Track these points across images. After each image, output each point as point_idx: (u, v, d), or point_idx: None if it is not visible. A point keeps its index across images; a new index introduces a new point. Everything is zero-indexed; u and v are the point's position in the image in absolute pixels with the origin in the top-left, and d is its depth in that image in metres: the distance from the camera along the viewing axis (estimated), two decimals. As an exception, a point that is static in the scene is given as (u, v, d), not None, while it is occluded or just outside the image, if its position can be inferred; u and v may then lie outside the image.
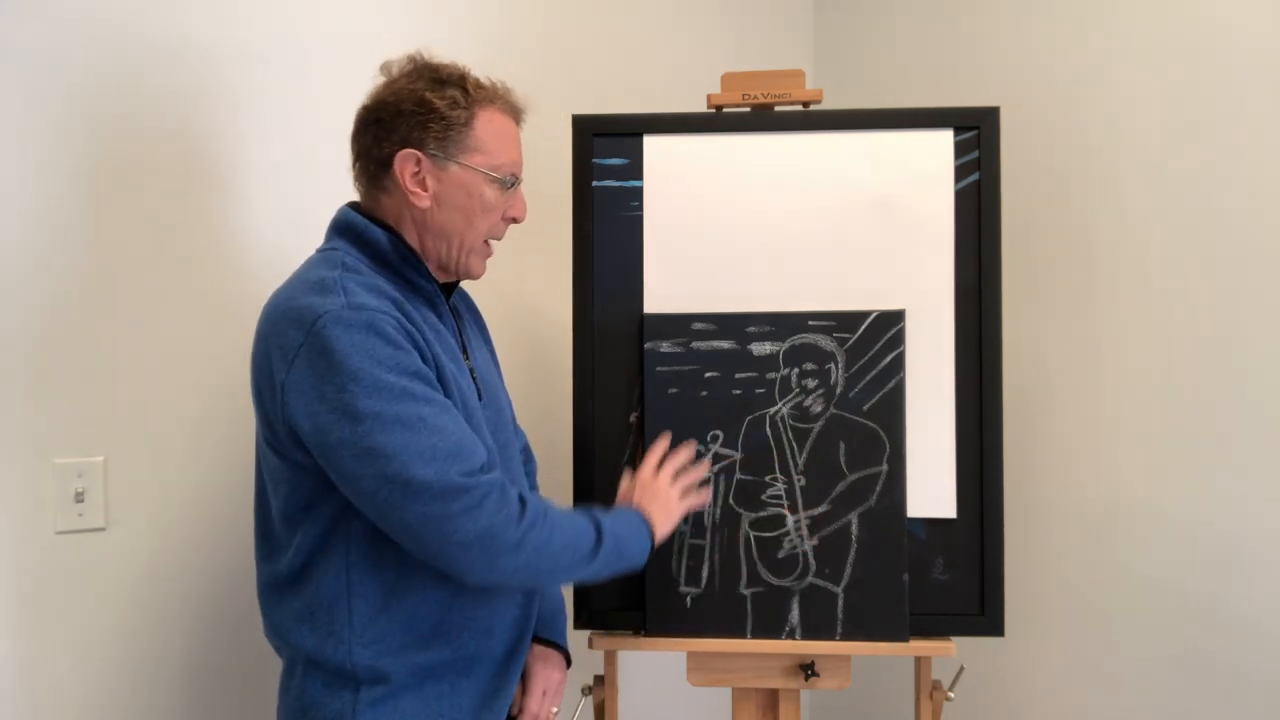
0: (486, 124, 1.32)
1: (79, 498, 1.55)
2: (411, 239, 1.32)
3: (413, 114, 1.28)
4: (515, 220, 1.38)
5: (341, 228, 1.32)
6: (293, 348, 1.20)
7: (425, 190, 1.30)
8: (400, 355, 1.20)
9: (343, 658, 1.25)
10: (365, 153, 1.32)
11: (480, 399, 1.35)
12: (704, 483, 1.59)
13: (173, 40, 1.63)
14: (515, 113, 1.38)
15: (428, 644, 1.27)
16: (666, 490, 1.48)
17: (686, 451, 1.55)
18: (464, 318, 1.46)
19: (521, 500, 1.25)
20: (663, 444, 1.55)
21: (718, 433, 1.60)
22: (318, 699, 1.27)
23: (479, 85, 1.33)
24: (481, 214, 1.33)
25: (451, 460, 1.19)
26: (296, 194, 1.72)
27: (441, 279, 1.38)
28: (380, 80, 1.33)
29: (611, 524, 1.35)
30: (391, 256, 1.29)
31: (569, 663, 1.51)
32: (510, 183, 1.34)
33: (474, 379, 1.36)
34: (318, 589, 1.27)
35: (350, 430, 1.17)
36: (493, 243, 1.39)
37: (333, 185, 1.44)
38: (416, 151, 1.28)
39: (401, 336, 1.21)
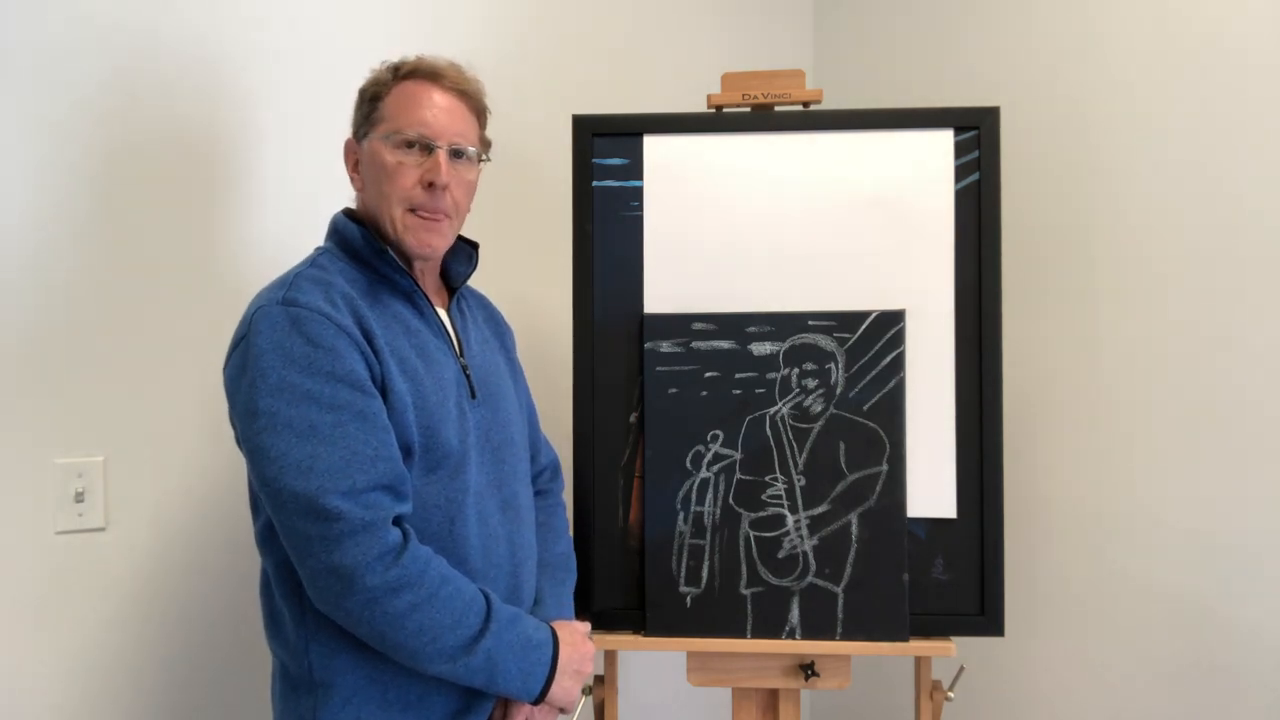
0: (398, 94, 1.31)
1: (79, 498, 1.55)
2: (374, 229, 1.33)
3: (354, 108, 1.35)
4: (432, 184, 1.28)
5: (330, 228, 1.35)
6: (236, 340, 1.24)
7: (358, 174, 1.34)
8: (319, 355, 1.17)
9: (300, 663, 1.25)
10: None
11: (474, 396, 1.35)
12: (703, 482, 1.59)
13: (177, 40, 1.63)
14: (440, 81, 1.31)
15: (383, 654, 1.22)
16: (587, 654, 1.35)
17: None
18: (470, 315, 1.46)
19: (403, 555, 1.17)
20: None
21: (718, 433, 1.60)
22: (286, 705, 1.28)
23: (407, 66, 1.32)
24: (387, 180, 1.29)
25: (328, 476, 1.14)
26: (299, 195, 1.72)
27: (417, 264, 1.35)
28: None
29: (499, 641, 1.22)
30: (364, 251, 1.30)
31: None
32: (414, 143, 1.28)
33: (467, 376, 1.35)
34: (274, 594, 1.28)
35: (247, 426, 1.18)
36: (440, 229, 1.32)
37: (338, 186, 1.44)
38: (351, 140, 1.34)
39: (331, 334, 1.19)
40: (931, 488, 1.59)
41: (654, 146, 1.65)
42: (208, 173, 1.67)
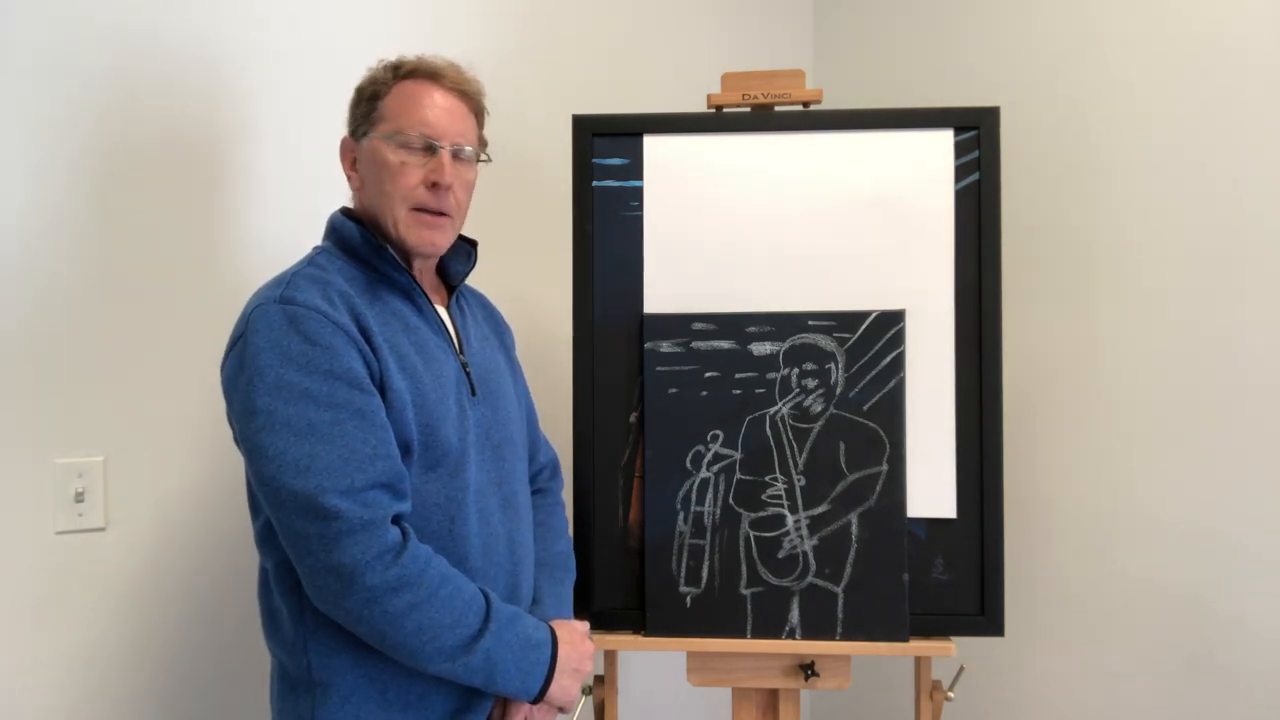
0: (398, 94, 1.31)
1: (79, 498, 1.55)
2: (371, 227, 1.33)
3: (350, 106, 1.34)
4: (436, 184, 1.29)
5: (327, 227, 1.35)
6: (233, 339, 1.24)
7: (356, 173, 1.33)
8: (316, 353, 1.17)
9: (298, 663, 1.25)
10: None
11: (474, 394, 1.35)
12: (703, 482, 1.59)
13: (175, 40, 1.63)
14: (441, 81, 1.32)
15: (382, 653, 1.22)
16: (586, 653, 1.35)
17: None
18: (469, 313, 1.46)
19: (403, 555, 1.17)
20: None
21: (718, 433, 1.60)
22: (285, 704, 1.28)
23: (407, 65, 1.32)
24: (390, 179, 1.29)
25: (326, 475, 1.14)
26: (298, 194, 1.72)
27: (415, 261, 1.35)
28: None
29: (498, 641, 1.22)
30: (362, 249, 1.30)
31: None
32: (418, 143, 1.29)
33: (467, 373, 1.35)
34: (273, 593, 1.28)
35: (245, 425, 1.18)
36: (442, 227, 1.33)
37: (337, 186, 1.44)
38: (348, 138, 1.33)
39: (329, 333, 1.19)
40: (931, 488, 1.59)
41: (654, 146, 1.65)
42: (207, 172, 1.67)
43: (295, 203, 1.72)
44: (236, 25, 1.69)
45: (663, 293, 1.63)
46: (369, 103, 1.32)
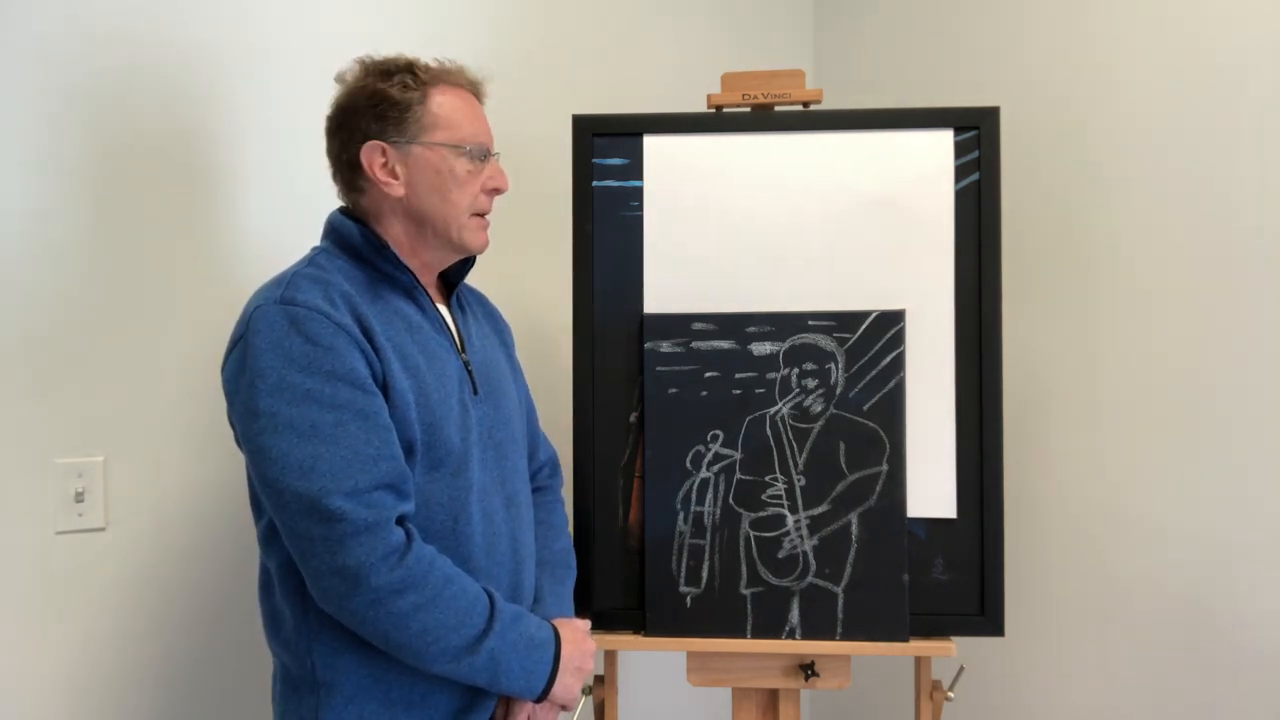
0: (440, 101, 1.32)
1: (79, 498, 1.55)
2: (397, 232, 1.33)
3: (367, 108, 1.30)
4: (498, 190, 1.37)
5: (327, 227, 1.35)
6: (234, 340, 1.24)
7: (396, 179, 1.31)
8: (318, 354, 1.18)
9: (302, 663, 1.25)
10: (335, 159, 1.35)
11: (476, 393, 1.35)
12: (703, 482, 1.59)
13: (172, 39, 1.63)
14: (470, 88, 1.37)
15: (386, 653, 1.22)
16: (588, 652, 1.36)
17: None
18: (470, 312, 1.46)
19: (408, 556, 1.17)
20: None
21: (718, 433, 1.60)
22: (287, 705, 1.28)
23: (426, 68, 1.33)
24: (456, 188, 1.32)
25: (330, 477, 1.14)
26: (296, 194, 1.72)
27: (445, 262, 1.39)
28: (337, 89, 1.35)
29: (502, 641, 1.23)
30: (364, 249, 1.30)
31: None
32: (479, 153, 1.34)
33: (469, 372, 1.36)
34: (276, 594, 1.28)
35: (248, 426, 1.18)
36: (490, 226, 1.39)
37: (332, 185, 1.44)
38: (379, 142, 1.30)
39: (330, 333, 1.19)
40: (931, 488, 1.59)
41: (654, 146, 1.65)
42: (205, 172, 1.67)
43: (295, 202, 1.72)
44: (234, 25, 1.69)
45: (663, 293, 1.63)
46: (403, 109, 1.30)
